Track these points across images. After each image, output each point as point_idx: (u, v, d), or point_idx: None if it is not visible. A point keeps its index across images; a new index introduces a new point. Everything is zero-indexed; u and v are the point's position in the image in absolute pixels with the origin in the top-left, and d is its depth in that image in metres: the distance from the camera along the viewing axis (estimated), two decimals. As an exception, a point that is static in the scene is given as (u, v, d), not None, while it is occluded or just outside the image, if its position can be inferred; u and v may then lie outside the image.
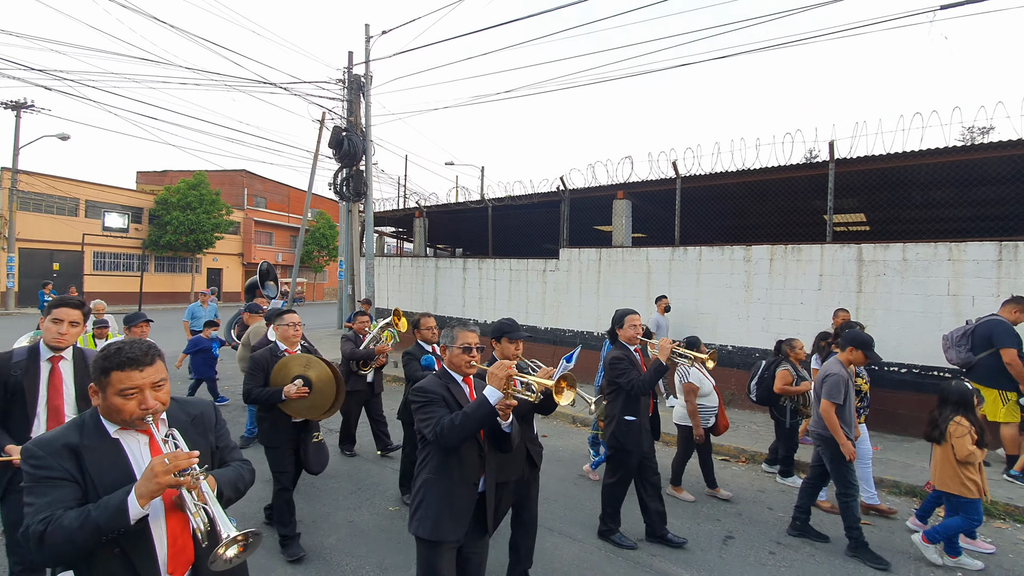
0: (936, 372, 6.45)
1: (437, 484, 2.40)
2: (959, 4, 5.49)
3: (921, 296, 6.60)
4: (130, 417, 1.56)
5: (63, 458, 1.49)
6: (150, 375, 1.59)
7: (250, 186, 36.11)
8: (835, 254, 7.24)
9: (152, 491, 1.40)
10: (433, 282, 12.68)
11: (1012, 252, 6.11)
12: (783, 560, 3.81)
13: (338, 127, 11.01)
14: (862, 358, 3.92)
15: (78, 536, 1.37)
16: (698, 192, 8.90)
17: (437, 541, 2.36)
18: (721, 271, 8.21)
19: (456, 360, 2.55)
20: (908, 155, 6.81)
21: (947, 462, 3.70)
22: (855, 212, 10.53)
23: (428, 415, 2.37)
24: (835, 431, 3.82)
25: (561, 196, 10.29)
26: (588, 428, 7.01)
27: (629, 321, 3.98)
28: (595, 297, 9.67)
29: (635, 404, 3.87)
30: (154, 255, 29.99)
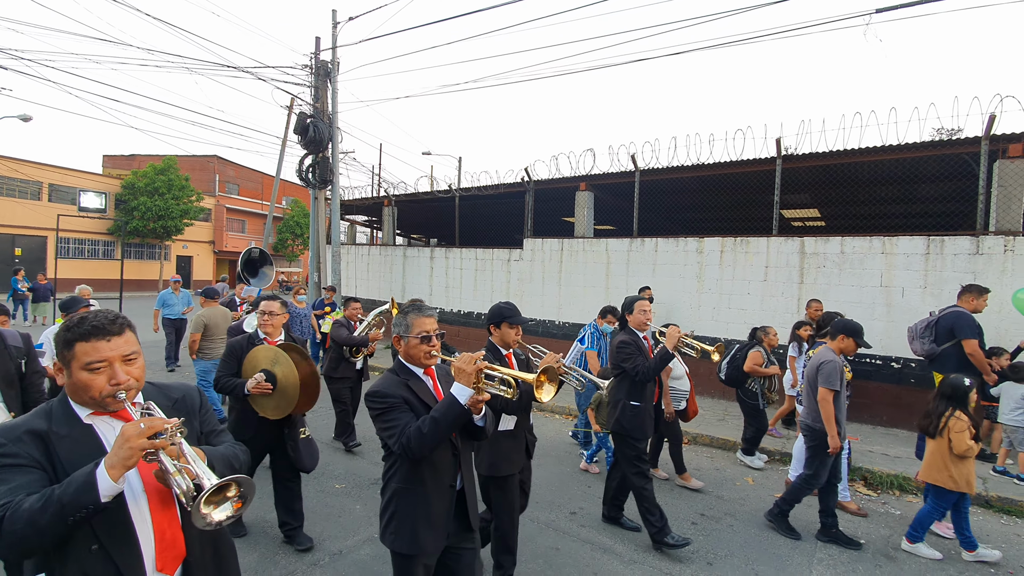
0: (868, 360, 6.82)
1: (411, 494, 2.15)
2: (893, 8, 5.76)
3: (857, 287, 6.95)
4: (100, 395, 1.39)
5: (27, 445, 1.33)
6: (119, 346, 1.42)
7: (222, 172, 35.41)
8: (780, 247, 7.55)
9: (124, 459, 1.22)
10: (401, 270, 12.75)
11: (939, 246, 6.48)
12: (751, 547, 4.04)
13: (304, 113, 10.94)
14: (853, 346, 3.92)
15: (40, 519, 1.18)
16: (657, 185, 9.14)
17: (416, 555, 2.14)
18: (675, 262, 8.49)
19: (414, 352, 2.23)
20: (847, 152, 7.12)
21: (938, 454, 3.71)
22: (808, 207, 10.92)
23: (390, 423, 2.08)
24: (828, 421, 3.78)
25: (526, 187, 10.44)
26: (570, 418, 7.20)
27: (639, 307, 3.94)
28: (557, 286, 9.88)
29: (641, 390, 3.83)
30: (121, 241, 29.31)
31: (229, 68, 10.03)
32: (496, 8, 9.19)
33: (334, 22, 11.11)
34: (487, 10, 9.14)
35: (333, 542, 3.74)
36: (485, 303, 10.96)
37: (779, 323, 7.41)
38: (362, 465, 5.30)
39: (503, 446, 3.04)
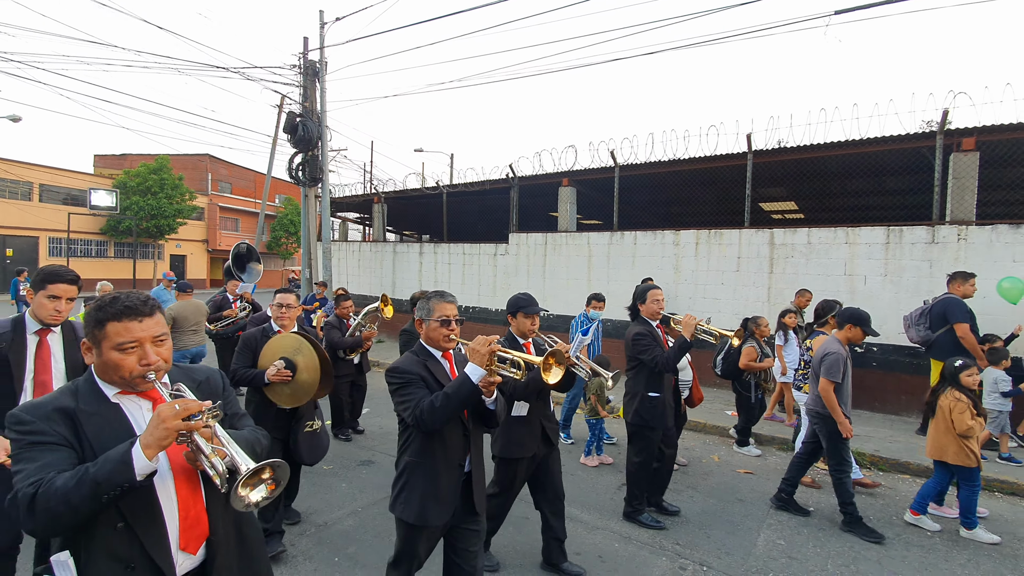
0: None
1: (421, 467, 2.29)
2: (851, 10, 6.06)
3: (823, 276, 7.28)
4: (130, 375, 1.41)
5: (56, 422, 1.34)
6: (150, 327, 1.44)
7: (214, 171, 35.47)
8: (751, 238, 7.87)
9: (160, 439, 1.24)
10: (391, 266, 13.01)
11: (898, 236, 6.81)
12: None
13: (292, 113, 11.16)
14: (860, 335, 3.96)
15: (74, 496, 1.20)
16: (636, 180, 9.44)
17: (421, 526, 2.28)
18: (653, 254, 8.79)
19: (433, 334, 2.37)
20: (814, 147, 7.43)
21: (943, 433, 3.86)
22: (785, 200, 11.25)
23: (406, 397, 2.24)
24: (834, 410, 3.86)
25: (510, 183, 10.72)
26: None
27: (652, 296, 3.91)
28: (541, 279, 10.17)
29: (659, 380, 3.84)
30: (113, 241, 29.38)
31: (218, 68, 10.24)
32: (479, 8, 9.43)
33: (321, 22, 11.32)
34: (470, 11, 9.39)
35: (319, 515, 4.03)
36: (473, 297, 11.25)
37: (750, 311, 7.74)
38: (350, 449, 5.59)
39: (516, 431, 3.15)
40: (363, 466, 5.12)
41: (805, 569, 3.44)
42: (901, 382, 6.78)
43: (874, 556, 3.62)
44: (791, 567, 3.46)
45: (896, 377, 6.79)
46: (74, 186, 27.58)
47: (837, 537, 3.87)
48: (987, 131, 6.44)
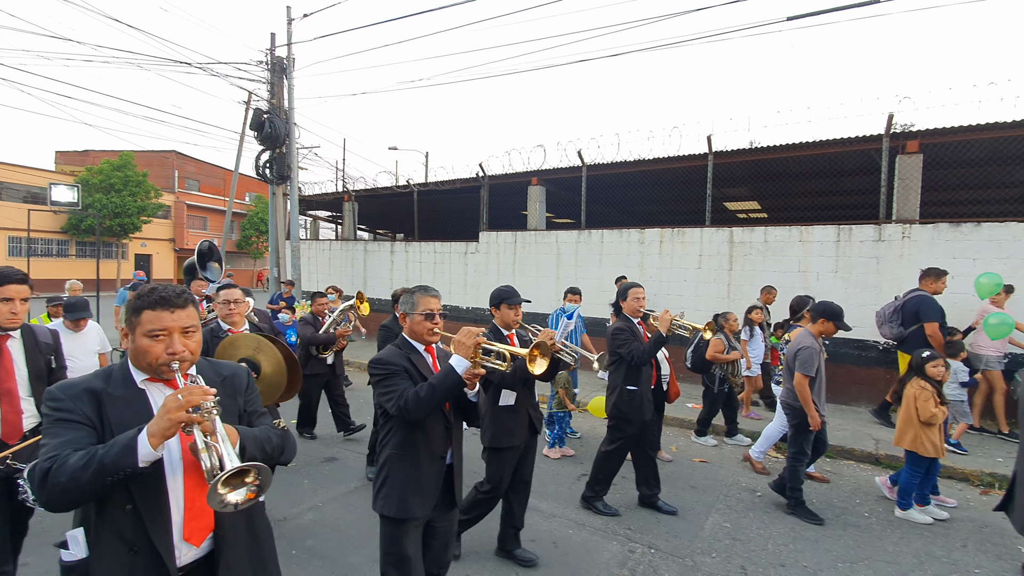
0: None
1: (402, 460, 2.29)
2: (802, 16, 6.32)
3: (778, 272, 7.55)
4: (156, 361, 1.48)
5: (82, 402, 1.42)
6: (181, 318, 1.51)
7: (181, 168, 34.62)
8: (712, 236, 8.11)
9: (163, 428, 1.28)
10: (362, 265, 12.94)
11: (847, 234, 7.12)
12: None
13: (259, 109, 11.03)
14: (833, 328, 4.04)
15: (81, 475, 1.26)
16: (603, 179, 9.62)
17: (403, 519, 2.26)
18: (620, 252, 8.98)
19: (417, 328, 2.39)
20: (771, 149, 7.71)
21: (907, 422, 4.00)
22: (748, 200, 11.58)
23: (390, 388, 2.23)
24: (806, 404, 3.97)
25: (481, 182, 10.79)
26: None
27: (632, 294, 4.05)
28: (511, 277, 10.26)
29: (637, 374, 3.93)
30: (75, 240, 28.45)
31: (181, 64, 10.04)
32: (448, 8, 9.48)
33: (288, 18, 11.21)
34: (439, 9, 9.44)
35: (279, 511, 4.05)
36: (444, 295, 11.16)
37: (711, 307, 7.99)
38: (314, 447, 5.59)
39: (505, 421, 3.20)
40: (327, 463, 5.14)
41: (747, 548, 3.62)
42: (851, 373, 7.09)
43: (812, 536, 3.82)
44: (734, 547, 3.63)
45: (846, 369, 7.08)
46: (34, 183, 26.58)
47: (780, 520, 4.07)
48: (930, 134, 6.78)
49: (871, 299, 6.88)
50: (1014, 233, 6.17)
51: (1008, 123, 6.25)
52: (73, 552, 1.43)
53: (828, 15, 6.27)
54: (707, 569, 3.36)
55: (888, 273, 6.85)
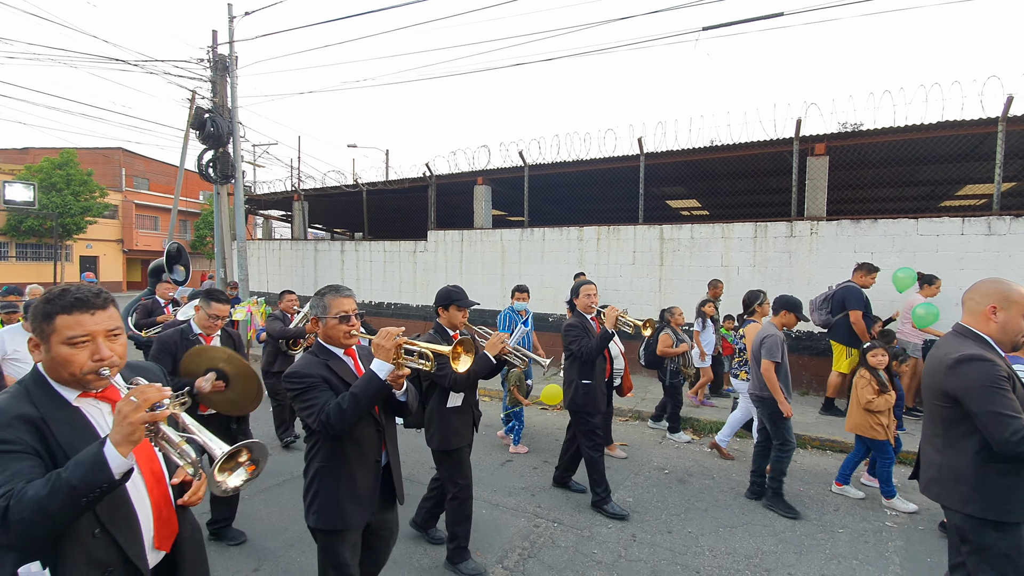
0: (713, 329, 7.89)
1: (334, 471, 2.19)
2: (716, 27, 6.75)
3: (704, 267, 8.02)
4: (80, 372, 1.33)
5: (20, 430, 1.26)
6: (103, 321, 1.37)
7: (129, 166, 33.35)
8: (644, 234, 8.53)
9: (127, 435, 1.18)
10: (313, 265, 12.92)
11: (764, 231, 7.63)
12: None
13: (200, 108, 10.86)
14: (794, 320, 4.19)
15: (49, 504, 1.13)
16: (545, 179, 9.93)
17: (340, 529, 2.19)
18: (560, 249, 9.31)
19: (333, 332, 2.27)
20: (696, 151, 8.16)
21: (854, 408, 4.26)
22: (688, 198, 12.11)
23: (309, 402, 2.10)
24: (774, 390, 4.04)
25: (428, 182, 10.96)
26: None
27: (584, 291, 4.21)
28: (459, 276, 10.48)
29: (590, 369, 4.05)
30: (15, 241, 27.11)
31: (115, 61, 9.83)
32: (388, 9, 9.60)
33: (230, 16, 11.07)
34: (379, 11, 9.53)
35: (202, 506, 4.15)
36: (394, 294, 11.42)
37: (645, 301, 8.41)
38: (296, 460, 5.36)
39: (452, 422, 3.20)
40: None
41: (642, 519, 3.96)
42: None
43: (702, 505, 4.20)
44: (630, 518, 3.96)
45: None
46: (-36, 182, 25.17)
47: (678, 493, 4.44)
48: (835, 137, 7.34)
49: (784, 290, 7.26)
50: (905, 229, 6.77)
51: (902, 127, 6.84)
52: None
53: (741, 25, 6.71)
54: (600, 538, 3.69)
55: (799, 266, 7.39)
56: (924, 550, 3.56)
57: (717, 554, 3.49)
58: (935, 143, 7.17)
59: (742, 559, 3.44)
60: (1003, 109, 6.25)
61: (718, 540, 3.67)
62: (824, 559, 3.45)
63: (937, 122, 6.60)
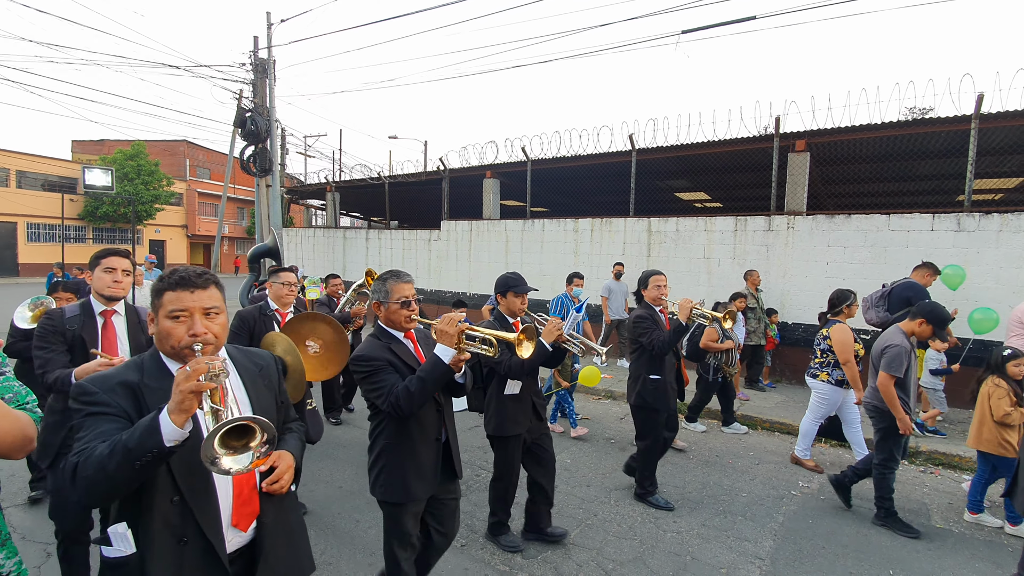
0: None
1: (399, 448, 2.32)
2: (694, 30, 7.10)
3: (687, 259, 8.41)
4: (178, 344, 1.43)
5: (119, 396, 1.37)
6: (201, 299, 1.46)
7: (192, 157, 36.01)
8: (633, 226, 8.97)
9: (179, 403, 1.22)
10: (342, 250, 14.03)
11: (743, 225, 7.94)
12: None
13: (242, 108, 12.06)
14: (929, 332, 3.71)
15: (109, 464, 1.20)
16: (547, 172, 10.49)
17: (404, 503, 2.33)
18: (558, 239, 9.88)
19: (394, 316, 2.37)
20: (685, 147, 8.51)
21: (981, 421, 3.80)
22: (695, 191, 12.33)
23: (378, 384, 2.22)
24: (893, 405, 3.67)
25: (442, 175, 11.73)
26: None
27: (653, 282, 3.98)
28: (467, 263, 11.25)
29: (659, 363, 3.89)
30: (92, 226, 30.07)
31: (169, 67, 11.09)
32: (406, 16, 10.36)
33: (268, 23, 12.17)
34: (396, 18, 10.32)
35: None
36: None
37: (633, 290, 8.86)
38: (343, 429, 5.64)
39: (509, 409, 3.20)
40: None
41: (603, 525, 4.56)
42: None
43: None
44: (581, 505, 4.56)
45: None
46: (52, 172, 28.18)
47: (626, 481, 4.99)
48: (815, 134, 7.52)
49: (762, 283, 7.70)
50: (877, 224, 6.94)
51: (878, 124, 6.98)
52: (119, 548, 1.39)
53: (718, 28, 7.02)
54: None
55: (776, 259, 7.67)
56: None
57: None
58: (913, 139, 7.25)
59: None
60: (975, 107, 6.32)
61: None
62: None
63: (914, 119, 6.73)
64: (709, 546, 3.56)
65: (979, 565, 3.41)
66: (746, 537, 3.68)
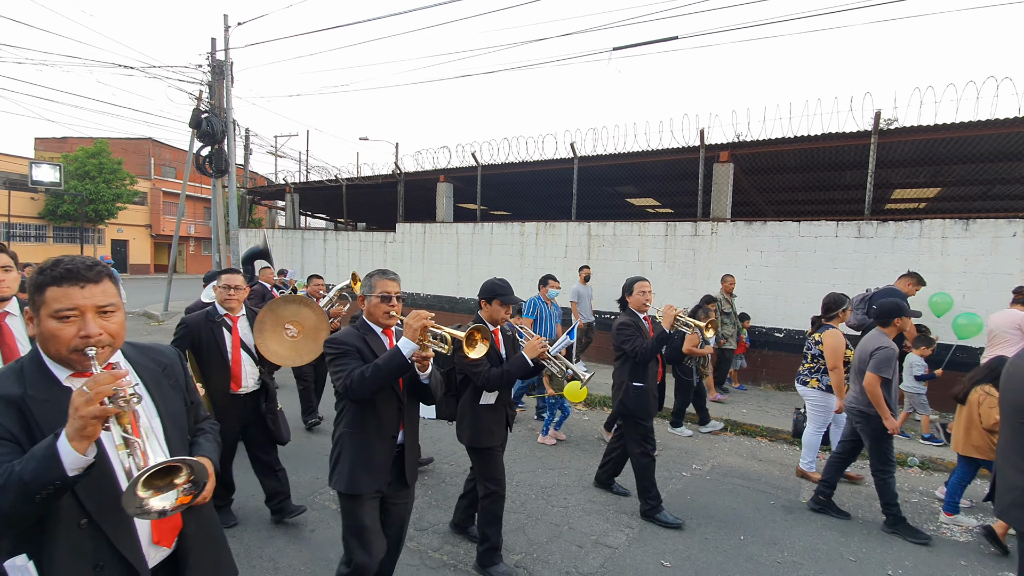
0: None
1: (354, 438, 2.36)
2: (624, 47, 7.55)
3: (623, 262, 8.85)
4: (67, 348, 1.24)
5: (1, 414, 1.18)
6: (94, 295, 1.27)
7: (157, 155, 35.43)
8: (575, 230, 9.39)
9: (79, 429, 1.06)
10: (300, 251, 14.15)
11: (673, 229, 8.41)
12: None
13: (198, 109, 12.13)
14: (909, 324, 3.89)
15: (2, 500, 1.06)
16: (496, 177, 10.85)
17: (356, 495, 2.35)
18: (505, 242, 10.24)
19: (374, 310, 2.44)
20: (623, 155, 8.96)
21: (973, 428, 3.81)
22: (644, 197, 12.83)
23: (340, 367, 2.28)
24: (879, 405, 3.69)
25: (398, 178, 12.00)
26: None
27: (638, 288, 3.93)
28: (421, 264, 11.53)
29: (643, 371, 3.85)
30: (52, 225, 29.37)
31: (123, 67, 11.14)
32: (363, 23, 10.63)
33: (225, 26, 12.28)
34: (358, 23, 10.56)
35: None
36: (367, 279, 12.54)
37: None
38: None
39: (484, 419, 3.13)
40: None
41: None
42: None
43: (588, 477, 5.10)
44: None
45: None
46: (13, 170, 27.47)
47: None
48: (737, 146, 8.05)
49: (689, 284, 8.19)
50: (789, 231, 7.47)
51: (793, 138, 7.52)
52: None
53: (647, 46, 7.48)
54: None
55: (702, 263, 8.16)
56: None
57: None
58: (827, 152, 7.83)
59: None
60: (873, 123, 6.90)
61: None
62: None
63: (822, 134, 7.28)
64: (589, 518, 3.94)
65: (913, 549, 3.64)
66: (625, 511, 4.07)
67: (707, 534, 3.77)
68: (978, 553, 3.67)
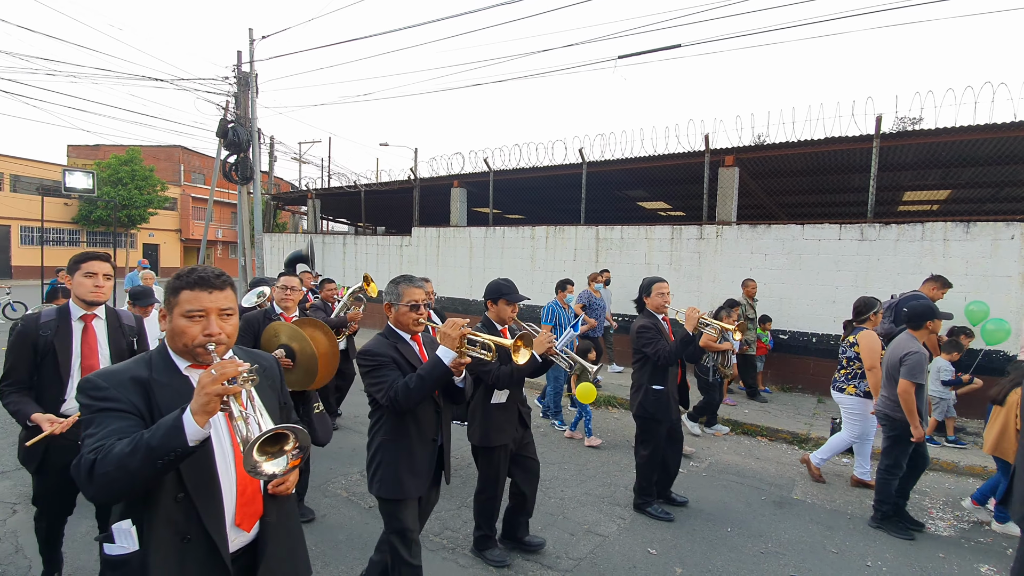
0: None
1: (395, 445, 2.39)
2: (629, 55, 7.76)
3: (630, 264, 9.03)
4: (192, 342, 1.45)
5: (130, 391, 1.39)
6: (219, 300, 1.48)
7: (187, 162, 36.67)
8: (583, 233, 9.61)
9: (203, 404, 1.23)
10: (321, 255, 14.63)
11: (679, 233, 8.57)
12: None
13: (224, 119, 12.70)
14: (940, 327, 3.86)
15: (130, 462, 1.22)
16: (508, 183, 11.13)
17: (401, 499, 2.39)
18: (516, 246, 10.51)
19: (403, 319, 2.46)
20: (630, 160, 9.15)
21: (1004, 429, 3.74)
22: (656, 200, 12.97)
23: (379, 379, 2.32)
24: (911, 414, 3.66)
25: (412, 184, 12.37)
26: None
27: (657, 289, 3.88)
28: (436, 268, 11.86)
29: (663, 374, 3.83)
30: (86, 230, 30.65)
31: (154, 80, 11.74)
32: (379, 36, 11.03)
33: (250, 39, 12.84)
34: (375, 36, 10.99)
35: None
36: (383, 282, 12.90)
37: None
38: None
39: (495, 418, 3.17)
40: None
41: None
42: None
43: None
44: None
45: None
46: (47, 176, 28.78)
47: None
48: (741, 150, 8.17)
49: (695, 287, 8.35)
50: (792, 233, 7.58)
51: (796, 142, 7.63)
52: (122, 545, 1.40)
53: (651, 54, 7.68)
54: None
55: (707, 265, 8.30)
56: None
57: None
58: (832, 156, 7.91)
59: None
60: (875, 127, 6.98)
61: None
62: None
63: (824, 138, 7.38)
64: (584, 509, 4.17)
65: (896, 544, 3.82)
66: (618, 503, 4.29)
67: (695, 526, 3.97)
68: (957, 547, 3.80)
